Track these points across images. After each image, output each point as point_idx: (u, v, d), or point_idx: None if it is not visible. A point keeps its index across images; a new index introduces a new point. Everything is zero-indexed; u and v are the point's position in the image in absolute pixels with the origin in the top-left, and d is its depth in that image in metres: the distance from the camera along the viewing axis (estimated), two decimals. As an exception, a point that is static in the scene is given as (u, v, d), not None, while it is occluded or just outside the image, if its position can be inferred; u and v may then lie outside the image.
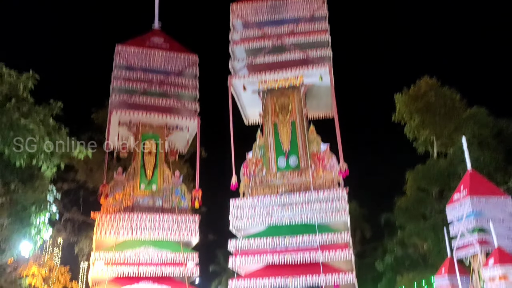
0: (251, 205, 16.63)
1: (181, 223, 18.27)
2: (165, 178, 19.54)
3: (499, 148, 20.63)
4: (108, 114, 19.24)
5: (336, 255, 15.32)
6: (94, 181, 25.77)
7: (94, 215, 17.87)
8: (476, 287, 11.62)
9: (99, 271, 16.87)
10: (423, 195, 23.41)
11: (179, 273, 17.47)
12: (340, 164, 16.62)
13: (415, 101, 23.40)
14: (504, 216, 11.20)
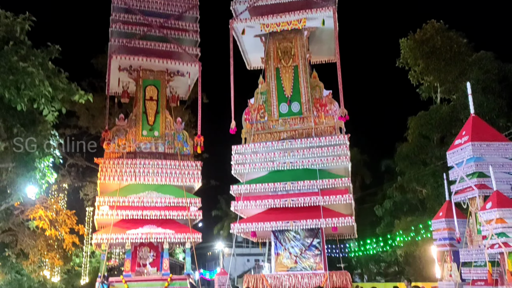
0: (252, 150, 16.77)
1: (183, 168, 18.49)
2: (167, 124, 19.56)
3: (504, 93, 20.44)
4: (108, 58, 18.93)
5: (337, 200, 15.63)
6: (96, 127, 25.86)
7: (97, 161, 18.08)
8: (473, 230, 11.88)
9: (104, 214, 17.30)
10: (424, 142, 23.49)
11: (182, 217, 17.94)
12: (340, 110, 16.58)
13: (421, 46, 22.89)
14: (504, 161, 11.26)
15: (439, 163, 20.56)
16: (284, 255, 16.34)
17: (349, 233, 17.66)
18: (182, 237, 17.84)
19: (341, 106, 16.66)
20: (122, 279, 16.90)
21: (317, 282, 14.91)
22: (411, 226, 22.41)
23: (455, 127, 18.84)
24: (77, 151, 27.33)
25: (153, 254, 18.37)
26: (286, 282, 15.31)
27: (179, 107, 24.30)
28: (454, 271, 12.53)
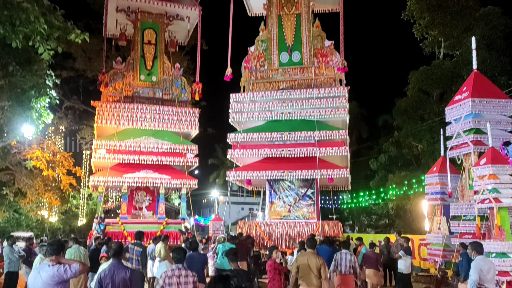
0: (251, 99, 16.67)
1: (181, 115, 18.46)
2: (165, 69, 19.31)
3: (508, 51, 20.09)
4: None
5: (333, 151, 15.73)
6: (93, 70, 25.49)
7: (94, 104, 17.97)
8: (465, 185, 12.04)
9: (101, 158, 17.44)
10: (424, 97, 23.33)
11: (179, 163, 18.10)
12: (341, 61, 16.33)
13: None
14: (502, 119, 11.22)
15: (437, 119, 20.53)
16: (278, 203, 16.66)
17: (343, 185, 17.93)
18: (178, 183, 18.12)
19: (341, 57, 16.40)
20: (119, 221, 17.31)
21: (309, 230, 15.29)
22: (404, 180, 22.70)
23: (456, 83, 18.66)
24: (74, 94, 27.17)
25: (149, 198, 18.71)
26: (279, 229, 15.71)
27: (178, 52, 23.87)
28: (443, 224, 12.80)
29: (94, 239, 12.38)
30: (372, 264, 11.65)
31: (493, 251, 9.69)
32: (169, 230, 17.43)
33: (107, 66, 19.31)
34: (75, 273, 4.55)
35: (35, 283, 4.57)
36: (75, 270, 4.55)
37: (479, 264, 6.59)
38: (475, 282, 6.45)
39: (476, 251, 6.90)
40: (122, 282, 5.41)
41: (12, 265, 10.48)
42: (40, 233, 28.57)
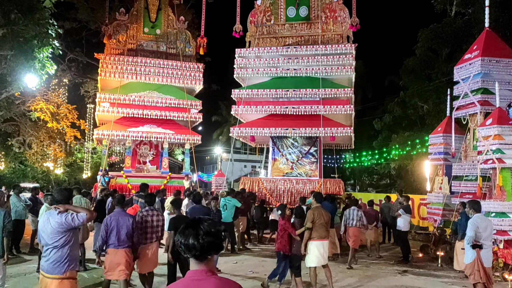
0: (256, 55, 16.41)
1: (185, 70, 18.27)
2: (169, 22, 18.94)
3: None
4: None
5: (337, 110, 15.63)
6: (96, 21, 25.00)
7: (98, 56, 17.77)
8: (469, 146, 12.02)
9: (105, 111, 17.43)
10: (432, 56, 22.87)
11: (182, 118, 18.08)
12: (352, 18, 15.91)
13: (442, -48, 21.37)
14: (511, 79, 11.05)
15: (445, 79, 20.22)
16: (281, 160, 16.75)
17: (347, 144, 17.95)
18: (182, 138, 18.18)
19: (352, 15, 15.96)
20: (123, 174, 17.53)
21: (311, 188, 15.45)
22: (407, 141, 22.66)
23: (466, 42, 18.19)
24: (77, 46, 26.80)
25: (153, 153, 18.84)
26: (281, 186, 15.88)
27: (183, 5, 23.31)
28: (444, 183, 12.89)
29: (100, 191, 12.58)
30: (371, 221, 11.87)
31: (493, 211, 9.81)
32: (173, 185, 17.68)
33: (110, 18, 18.91)
34: (83, 221, 4.64)
35: (45, 229, 4.66)
36: (82, 218, 4.63)
37: (476, 222, 6.67)
38: (471, 238, 6.57)
39: (474, 209, 6.93)
40: (125, 227, 6.32)
41: (18, 214, 10.69)
42: (46, 184, 29.03)
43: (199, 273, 2.20)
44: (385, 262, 11.18)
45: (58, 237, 4.62)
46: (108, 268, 6.33)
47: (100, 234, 6.43)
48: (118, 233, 6.27)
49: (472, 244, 6.57)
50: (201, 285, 2.16)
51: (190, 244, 2.16)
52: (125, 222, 6.33)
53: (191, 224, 2.24)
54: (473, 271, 6.60)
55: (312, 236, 7.60)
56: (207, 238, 2.17)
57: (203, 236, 2.16)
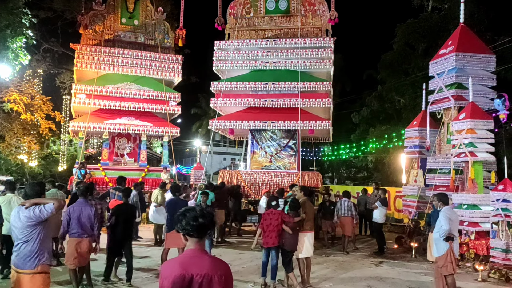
0: (235, 47, 16.34)
1: (163, 61, 18.06)
2: (147, 13, 18.67)
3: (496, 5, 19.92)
4: None
5: (316, 103, 15.72)
6: (72, 11, 24.44)
7: (73, 46, 17.40)
8: (443, 140, 12.28)
9: (81, 102, 17.10)
10: (409, 51, 23.23)
11: (161, 110, 17.90)
12: (331, 12, 16.00)
13: None
14: (484, 74, 11.29)
15: (421, 73, 20.56)
16: (260, 153, 16.78)
17: (325, 137, 18.08)
18: (160, 131, 18.01)
19: (331, 8, 16.04)
20: (100, 167, 17.28)
21: (290, 180, 15.54)
22: (384, 134, 23.01)
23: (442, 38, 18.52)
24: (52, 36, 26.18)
25: (131, 145, 18.63)
26: (260, 178, 15.91)
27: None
28: (419, 176, 13.16)
29: (75, 184, 12.40)
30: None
31: (465, 203, 10.07)
32: (151, 177, 17.53)
33: (86, 7, 18.51)
34: (51, 211, 4.56)
35: (16, 224, 4.59)
36: (50, 208, 4.55)
37: (448, 214, 6.72)
38: (447, 231, 6.59)
39: (442, 201, 6.95)
40: (87, 216, 6.60)
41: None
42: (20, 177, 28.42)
43: (195, 251, 2.67)
44: (361, 254, 11.37)
45: (28, 231, 4.55)
46: (68, 256, 6.57)
47: (62, 223, 6.67)
48: (80, 223, 6.52)
49: (445, 236, 6.66)
50: (197, 261, 2.61)
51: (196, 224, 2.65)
52: (88, 212, 6.60)
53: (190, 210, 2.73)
54: (445, 263, 6.67)
55: (304, 228, 7.70)
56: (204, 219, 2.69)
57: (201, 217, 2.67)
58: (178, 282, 2.55)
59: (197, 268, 2.59)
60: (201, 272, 2.58)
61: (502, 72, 15.95)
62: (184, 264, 2.61)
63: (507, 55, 16.97)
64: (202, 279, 2.57)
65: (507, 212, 8.79)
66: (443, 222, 6.62)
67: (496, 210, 8.95)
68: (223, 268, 2.69)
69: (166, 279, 2.58)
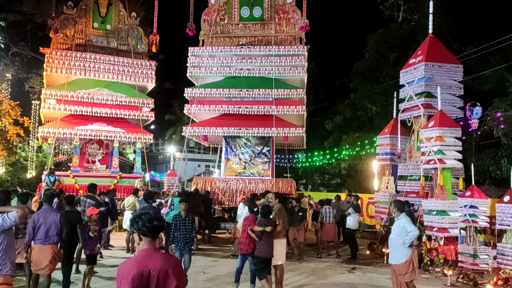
0: (210, 54, 16.34)
1: (137, 67, 17.87)
2: (120, 18, 18.46)
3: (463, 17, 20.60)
4: None
5: (290, 110, 15.85)
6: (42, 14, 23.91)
7: (43, 50, 17.02)
8: (413, 147, 12.54)
9: (51, 108, 16.72)
10: (381, 60, 23.72)
11: (134, 116, 17.67)
12: (302, 19, 16.21)
13: (391, -41, 22.26)
14: (452, 83, 11.63)
15: (392, 82, 21.03)
16: (234, 160, 16.77)
17: (299, 144, 18.23)
18: (133, 137, 17.77)
19: (303, 16, 16.25)
20: (70, 174, 16.89)
21: (264, 187, 15.57)
22: (357, 141, 23.33)
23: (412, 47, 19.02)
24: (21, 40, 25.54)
25: (103, 152, 18.30)
26: (234, 185, 15.90)
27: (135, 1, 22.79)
28: (390, 183, 13.37)
29: (44, 191, 12.07)
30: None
31: (434, 209, 10.28)
32: (123, 184, 17.25)
33: (57, 11, 18.16)
34: (14, 220, 4.43)
35: None
36: (14, 217, 4.42)
37: (409, 220, 6.78)
38: (417, 235, 6.68)
39: (398, 209, 6.88)
40: (53, 223, 6.52)
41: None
42: (-14, 185, 27.49)
43: (149, 250, 3.00)
44: (334, 260, 11.46)
45: (-10, 241, 4.40)
46: (35, 263, 6.52)
47: (27, 230, 6.58)
48: (46, 230, 6.48)
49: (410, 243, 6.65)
50: (152, 259, 2.94)
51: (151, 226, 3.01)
52: (53, 218, 6.56)
53: (145, 214, 3.12)
54: (409, 269, 6.66)
55: (278, 235, 7.69)
56: (158, 222, 3.06)
57: (155, 220, 3.05)
58: (137, 278, 2.82)
59: (153, 264, 2.90)
60: (157, 267, 2.89)
61: (469, 82, 16.45)
62: (141, 262, 2.90)
63: (473, 65, 17.54)
64: (159, 273, 2.88)
65: (474, 218, 9.03)
66: (411, 228, 6.63)
67: (464, 216, 9.17)
68: (174, 261, 3.04)
69: (125, 278, 2.83)
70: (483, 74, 17.19)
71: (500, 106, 15.41)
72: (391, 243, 6.89)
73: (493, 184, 18.25)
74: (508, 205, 8.32)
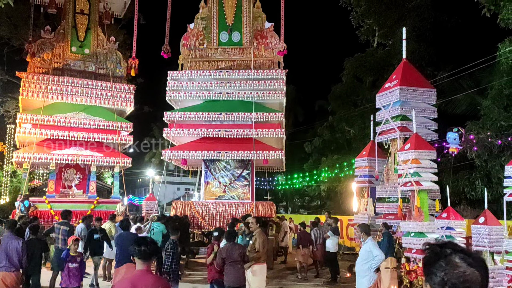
0: (189, 78, 16.39)
1: (115, 91, 17.80)
2: (98, 42, 18.44)
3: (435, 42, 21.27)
4: (33, -38, 17.07)
5: (269, 133, 15.93)
6: (19, 38, 23.71)
7: (19, 74, 16.83)
8: (390, 169, 12.72)
9: (26, 132, 16.44)
10: (357, 84, 24.24)
11: (112, 140, 17.50)
12: (280, 44, 16.48)
13: (364, -14, 22.95)
14: (426, 107, 11.91)
15: (368, 105, 21.43)
16: (213, 184, 16.66)
17: (278, 166, 18.28)
18: (111, 161, 17.57)
19: (281, 40, 16.53)
20: (45, 200, 16.51)
21: (244, 210, 15.48)
22: (336, 163, 23.55)
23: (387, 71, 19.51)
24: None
25: (80, 176, 17.99)
26: (214, 209, 15.75)
27: (114, 25, 22.81)
28: (369, 205, 13.46)
29: (18, 218, 11.73)
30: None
31: (412, 231, 10.37)
32: (101, 209, 16.93)
33: (34, 35, 18.06)
34: None
35: None
36: None
37: (376, 245, 6.84)
38: (382, 260, 6.71)
39: (365, 232, 6.91)
40: (14, 250, 6.62)
41: None
42: (-43, 211, 26.56)
43: (142, 272, 3.41)
44: (314, 284, 11.39)
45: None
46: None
47: None
48: (8, 256, 6.56)
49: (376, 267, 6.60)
50: (145, 279, 3.34)
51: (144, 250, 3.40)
52: (15, 245, 6.64)
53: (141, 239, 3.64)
54: None
55: (260, 260, 7.61)
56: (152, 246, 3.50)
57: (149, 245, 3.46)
58: None
59: (145, 284, 3.28)
60: (148, 287, 3.28)
61: (442, 105, 16.90)
62: (135, 282, 3.30)
63: (446, 89, 18.06)
64: None
65: (451, 239, 9.14)
66: (377, 252, 6.61)
67: (441, 237, 9.28)
68: (163, 283, 3.54)
69: None
70: (456, 98, 17.70)
71: (473, 128, 15.81)
72: (357, 268, 6.85)
73: (469, 205, 18.57)
74: (483, 226, 8.47)
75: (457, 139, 11.28)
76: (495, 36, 16.10)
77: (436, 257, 1.93)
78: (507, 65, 15.22)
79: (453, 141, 11.27)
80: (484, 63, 16.30)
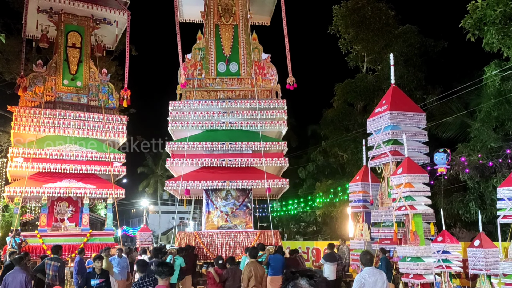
0: (191, 108, 16.36)
1: (107, 122, 17.81)
2: (90, 74, 18.56)
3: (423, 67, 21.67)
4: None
5: (273, 162, 15.92)
6: (11, 72, 23.84)
7: (11, 108, 16.83)
8: (384, 193, 12.73)
9: (18, 166, 16.31)
10: (349, 109, 24.50)
11: (105, 172, 17.40)
12: (289, 77, 16.70)
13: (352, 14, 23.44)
14: (417, 131, 12.03)
15: (360, 130, 21.61)
16: (215, 213, 16.43)
17: (277, 194, 18.20)
18: (104, 193, 17.42)
19: (289, 75, 16.74)
20: (37, 234, 16.25)
21: (250, 239, 15.28)
22: (330, 188, 23.54)
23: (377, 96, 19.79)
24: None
25: (72, 209, 17.79)
26: (219, 239, 15.47)
27: (105, 57, 23.06)
28: (365, 230, 13.41)
29: (9, 254, 11.52)
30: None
31: (409, 255, 10.30)
32: (94, 242, 16.69)
33: (26, 69, 18.18)
34: None
35: None
36: None
37: (362, 278, 6.48)
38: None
39: (362, 262, 6.66)
40: (19, 284, 7.24)
41: None
42: None
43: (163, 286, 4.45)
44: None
45: None
46: None
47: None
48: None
49: None
50: None
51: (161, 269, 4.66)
52: (20, 279, 7.22)
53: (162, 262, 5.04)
54: None
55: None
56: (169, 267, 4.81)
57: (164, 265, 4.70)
58: None
59: None
60: None
61: (432, 128, 17.08)
62: None
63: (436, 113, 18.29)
64: None
65: (447, 263, 9.09)
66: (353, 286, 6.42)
67: (438, 261, 9.23)
68: None
69: None
70: (446, 121, 17.92)
71: (464, 151, 15.95)
72: None
73: (464, 227, 18.54)
74: (478, 249, 8.44)
75: (444, 159, 11.34)
76: (481, 59, 16.46)
77: (287, 281, 2.41)
78: (494, 87, 15.49)
79: (441, 161, 11.34)
80: (471, 86, 16.59)
